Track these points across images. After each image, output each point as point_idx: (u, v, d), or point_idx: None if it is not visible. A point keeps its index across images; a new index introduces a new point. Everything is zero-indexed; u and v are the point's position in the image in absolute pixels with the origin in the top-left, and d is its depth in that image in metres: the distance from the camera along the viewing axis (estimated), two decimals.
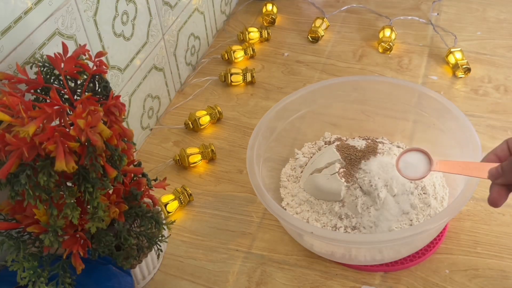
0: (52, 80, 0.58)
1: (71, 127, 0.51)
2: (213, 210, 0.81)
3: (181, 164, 0.86)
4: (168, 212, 0.79)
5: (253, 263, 0.73)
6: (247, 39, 1.10)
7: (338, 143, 0.79)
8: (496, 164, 0.56)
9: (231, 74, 1.00)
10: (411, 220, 0.71)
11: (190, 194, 0.81)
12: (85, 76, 0.58)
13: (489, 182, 0.78)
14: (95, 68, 0.58)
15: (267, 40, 1.11)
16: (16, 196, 0.52)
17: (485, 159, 0.58)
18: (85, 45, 0.61)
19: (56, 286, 0.57)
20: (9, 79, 0.55)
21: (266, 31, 1.11)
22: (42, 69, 0.57)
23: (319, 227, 0.72)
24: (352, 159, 0.75)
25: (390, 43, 1.04)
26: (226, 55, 1.06)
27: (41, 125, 0.50)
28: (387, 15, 1.14)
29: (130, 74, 0.85)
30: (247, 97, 0.99)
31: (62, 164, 0.49)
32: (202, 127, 0.92)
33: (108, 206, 0.59)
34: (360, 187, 0.72)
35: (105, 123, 0.54)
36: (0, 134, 0.50)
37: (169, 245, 0.76)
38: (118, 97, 0.56)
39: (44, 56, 0.58)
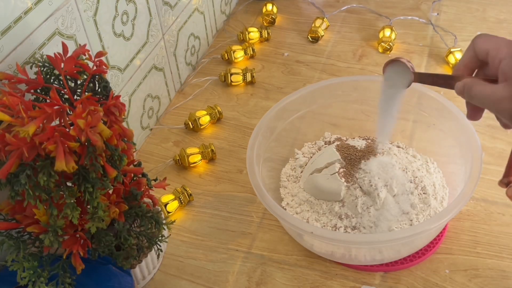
0: (52, 80, 0.58)
1: (71, 127, 0.51)
2: (213, 210, 0.81)
3: (181, 164, 0.86)
4: (168, 212, 0.79)
5: (253, 263, 0.73)
6: (247, 39, 1.10)
7: (338, 143, 0.79)
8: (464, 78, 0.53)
9: (231, 74, 1.00)
10: (411, 220, 0.71)
11: (190, 194, 0.81)
12: (85, 76, 0.58)
13: (489, 182, 0.79)
14: (95, 68, 0.58)
15: (267, 40, 1.11)
16: (16, 196, 0.52)
17: (455, 70, 0.55)
18: (85, 45, 0.61)
19: (56, 286, 0.57)
20: (9, 79, 0.55)
21: (266, 31, 1.11)
22: (42, 69, 0.57)
23: (319, 227, 0.72)
24: (352, 159, 0.75)
25: (390, 43, 1.04)
26: (226, 55, 1.06)
27: (41, 125, 0.50)
28: (387, 15, 1.14)
29: (130, 74, 0.85)
30: (247, 97, 0.99)
31: (62, 164, 0.49)
32: (202, 127, 0.92)
33: (108, 206, 0.59)
34: (360, 187, 0.72)
35: (105, 123, 0.54)
36: (0, 134, 0.50)
37: (169, 245, 0.76)
38: (118, 97, 0.56)
39: (44, 56, 0.58)
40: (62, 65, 0.56)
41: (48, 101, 0.56)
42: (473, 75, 0.54)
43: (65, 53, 0.57)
